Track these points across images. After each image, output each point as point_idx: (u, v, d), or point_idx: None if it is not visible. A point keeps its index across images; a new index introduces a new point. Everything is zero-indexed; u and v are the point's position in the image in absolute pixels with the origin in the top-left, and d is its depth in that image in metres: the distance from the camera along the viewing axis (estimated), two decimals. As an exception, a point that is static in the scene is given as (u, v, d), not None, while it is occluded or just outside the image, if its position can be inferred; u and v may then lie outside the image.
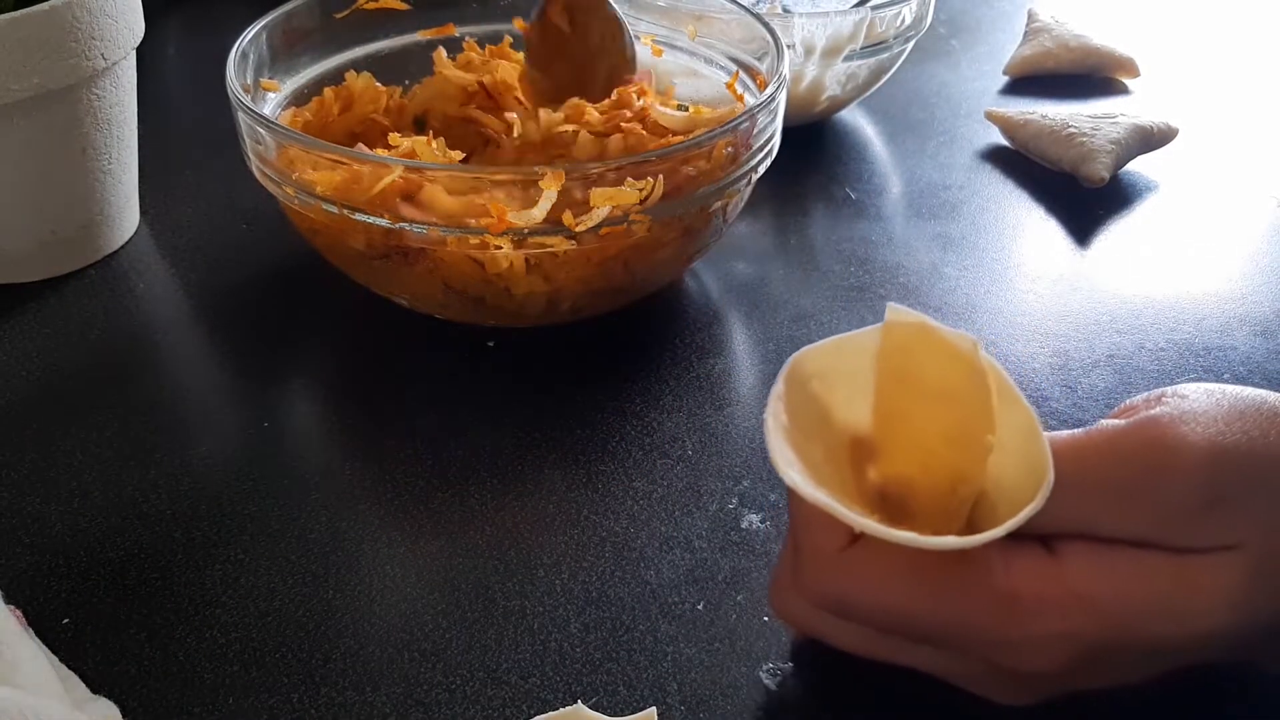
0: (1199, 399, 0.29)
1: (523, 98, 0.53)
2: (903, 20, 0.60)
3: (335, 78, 0.54)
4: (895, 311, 0.29)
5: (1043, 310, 0.50)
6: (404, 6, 0.56)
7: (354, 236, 0.44)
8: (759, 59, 0.52)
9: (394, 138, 0.47)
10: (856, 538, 0.29)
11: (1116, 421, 0.29)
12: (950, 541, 0.26)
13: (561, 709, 0.33)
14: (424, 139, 0.47)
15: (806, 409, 0.30)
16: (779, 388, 0.29)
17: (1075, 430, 0.29)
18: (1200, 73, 0.72)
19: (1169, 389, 0.30)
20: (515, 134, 0.49)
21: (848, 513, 0.27)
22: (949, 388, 0.29)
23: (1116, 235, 0.56)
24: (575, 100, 0.49)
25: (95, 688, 0.33)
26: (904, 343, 0.29)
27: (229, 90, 0.46)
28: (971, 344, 0.28)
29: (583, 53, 0.51)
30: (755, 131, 0.45)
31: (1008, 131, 0.62)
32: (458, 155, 0.47)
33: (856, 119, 0.66)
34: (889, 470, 0.30)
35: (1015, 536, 0.28)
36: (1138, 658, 0.28)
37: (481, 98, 0.54)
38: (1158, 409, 0.29)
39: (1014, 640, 0.28)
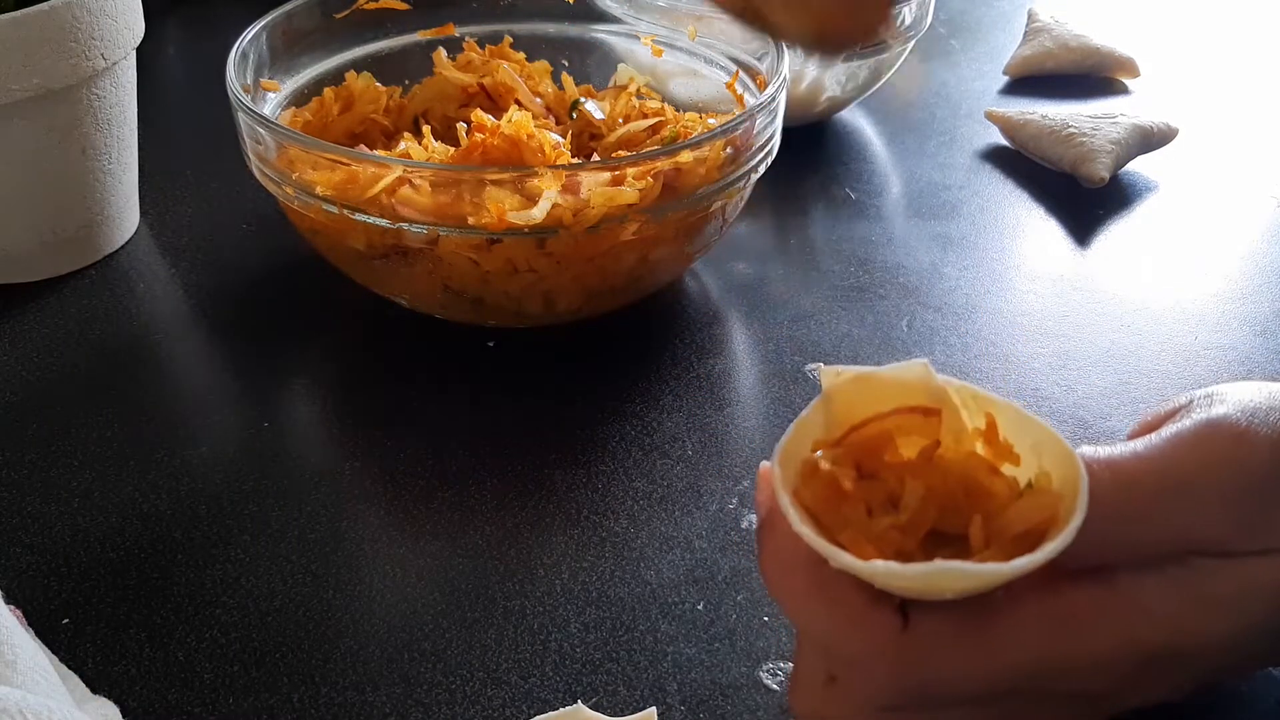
0: (1244, 395, 0.28)
1: None
2: (903, 20, 0.60)
3: (335, 78, 0.54)
4: (829, 374, 0.28)
5: (1043, 310, 0.50)
6: (404, 6, 0.56)
7: (354, 236, 0.44)
8: (759, 59, 0.52)
9: (408, 138, 0.47)
10: (906, 618, 0.27)
11: (1176, 426, 0.28)
12: (1009, 566, 0.24)
13: (561, 709, 0.33)
14: (416, 142, 0.47)
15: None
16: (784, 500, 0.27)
17: (1133, 444, 0.28)
18: (1200, 73, 0.72)
19: (1198, 392, 0.29)
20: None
21: (858, 563, 0.25)
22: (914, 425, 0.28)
23: (1116, 235, 0.56)
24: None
25: (95, 687, 0.33)
26: (851, 401, 0.28)
27: (229, 90, 0.46)
28: (923, 367, 0.27)
29: None
30: (755, 132, 0.45)
31: (1008, 131, 0.62)
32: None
33: (856, 119, 0.66)
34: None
35: (1057, 568, 0.27)
36: (1196, 666, 0.28)
37: (482, 99, 0.54)
38: (1215, 410, 0.28)
39: (1072, 661, 0.27)
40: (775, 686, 0.34)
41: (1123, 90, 0.70)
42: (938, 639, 0.27)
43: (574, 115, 0.53)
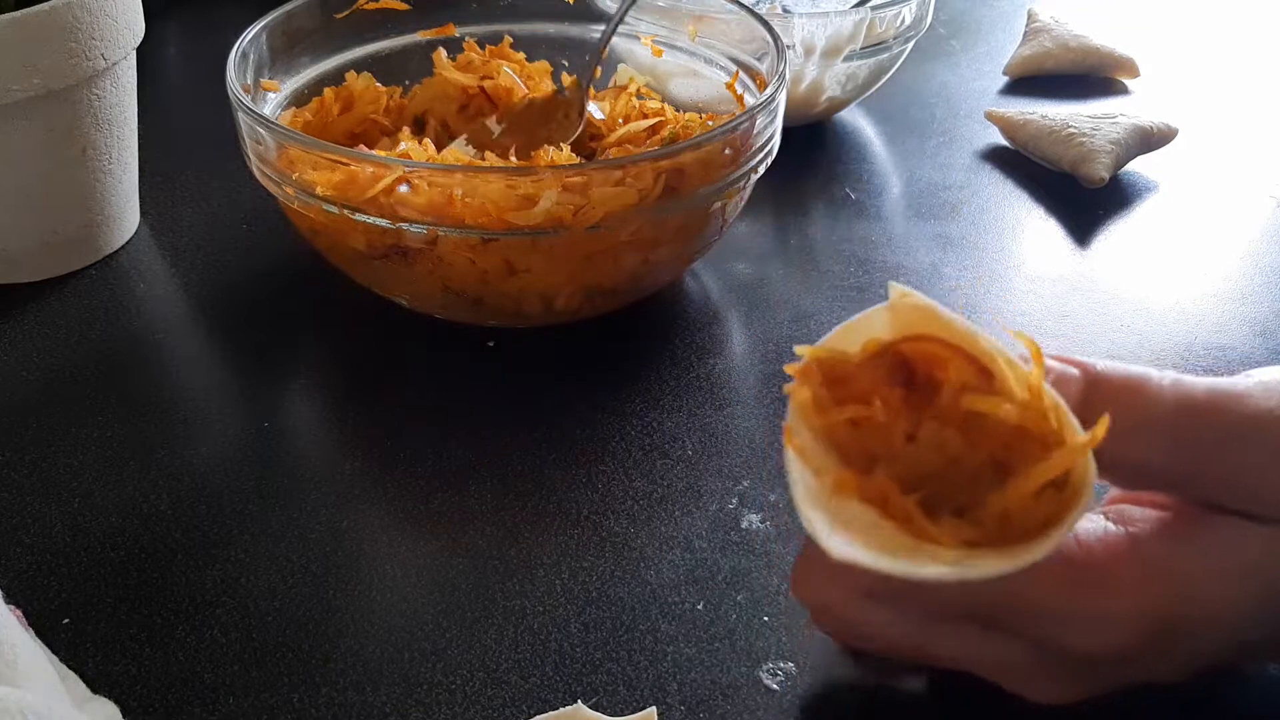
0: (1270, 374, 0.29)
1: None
2: (903, 20, 0.60)
3: (335, 78, 0.54)
4: (900, 292, 0.27)
5: (1043, 310, 0.50)
6: (404, 6, 0.56)
7: (354, 236, 0.44)
8: (759, 59, 0.52)
9: (406, 135, 0.47)
10: None
11: (1238, 378, 0.28)
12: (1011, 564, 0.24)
13: (561, 709, 0.33)
14: (416, 143, 0.47)
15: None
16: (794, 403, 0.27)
17: (1198, 379, 0.28)
18: (1200, 73, 0.72)
19: (1253, 371, 0.29)
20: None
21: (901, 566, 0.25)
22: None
23: (1116, 235, 0.56)
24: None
25: (95, 687, 0.33)
26: (910, 325, 0.28)
27: (229, 90, 0.46)
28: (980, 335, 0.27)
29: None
30: (755, 132, 0.45)
31: (1008, 132, 0.62)
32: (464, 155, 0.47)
33: (856, 119, 0.66)
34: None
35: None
36: (1206, 639, 0.28)
37: (481, 100, 0.54)
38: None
39: (1083, 614, 0.27)
40: (775, 686, 0.34)
41: (1122, 90, 0.70)
42: None
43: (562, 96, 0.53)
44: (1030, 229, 0.57)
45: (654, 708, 0.33)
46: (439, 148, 0.49)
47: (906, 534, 0.26)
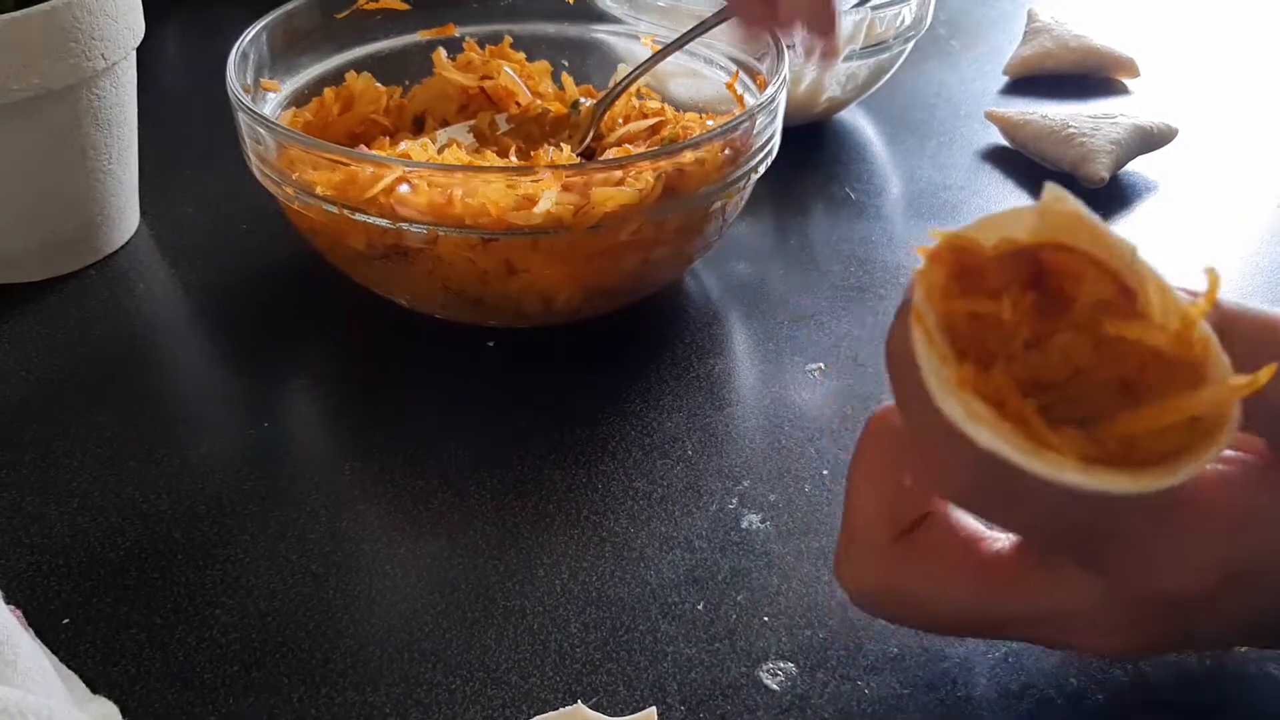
0: None
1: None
2: (903, 20, 0.60)
3: (335, 78, 0.54)
4: (1055, 195, 0.25)
5: (1043, 310, 0.50)
6: (404, 6, 0.56)
7: (354, 236, 0.44)
8: (759, 59, 0.52)
9: (399, 138, 0.47)
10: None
11: None
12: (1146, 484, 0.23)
13: (561, 709, 0.33)
14: (417, 143, 0.47)
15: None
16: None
17: None
18: (1200, 73, 0.72)
19: None
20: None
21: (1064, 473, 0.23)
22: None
23: (1116, 235, 0.56)
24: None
25: (95, 688, 0.33)
26: (1060, 231, 0.26)
27: (229, 90, 0.46)
28: (1130, 250, 0.25)
29: None
30: (755, 132, 0.45)
31: (1008, 131, 0.62)
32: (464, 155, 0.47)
33: (856, 119, 0.66)
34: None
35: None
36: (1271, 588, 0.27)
37: (481, 99, 0.54)
38: None
39: (1164, 545, 0.26)
40: (775, 686, 0.34)
41: (1123, 90, 0.70)
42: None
43: (574, 115, 0.53)
44: (1030, 229, 0.56)
45: (654, 708, 0.33)
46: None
47: (1023, 437, 0.25)
